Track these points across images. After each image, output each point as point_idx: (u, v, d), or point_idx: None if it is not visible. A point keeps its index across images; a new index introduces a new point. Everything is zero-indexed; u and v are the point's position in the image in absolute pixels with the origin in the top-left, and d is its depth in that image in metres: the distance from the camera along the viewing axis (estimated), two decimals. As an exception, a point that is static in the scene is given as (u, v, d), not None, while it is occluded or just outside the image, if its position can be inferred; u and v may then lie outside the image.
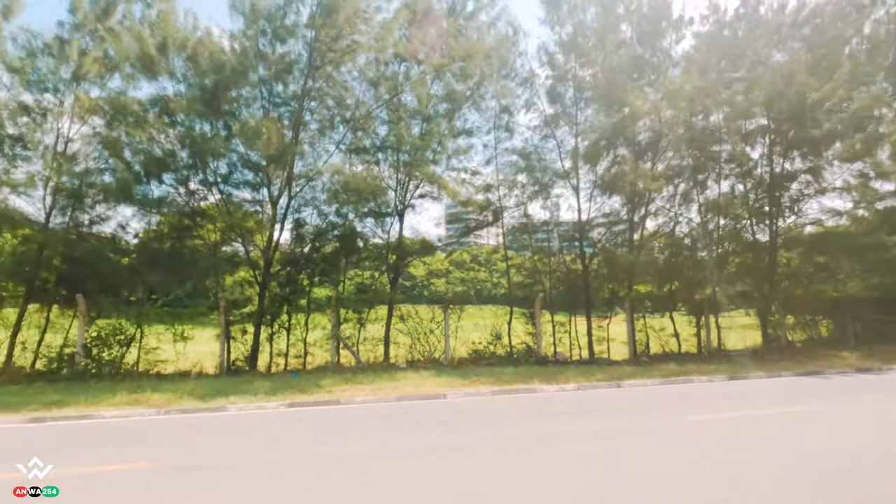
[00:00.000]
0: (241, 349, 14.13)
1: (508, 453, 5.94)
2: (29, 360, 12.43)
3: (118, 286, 13.60)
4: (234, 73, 14.00)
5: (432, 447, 6.23)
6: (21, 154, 13.33)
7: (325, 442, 6.80)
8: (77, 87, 13.86)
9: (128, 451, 6.46)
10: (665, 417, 7.98)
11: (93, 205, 13.53)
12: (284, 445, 6.66)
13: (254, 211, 15.58)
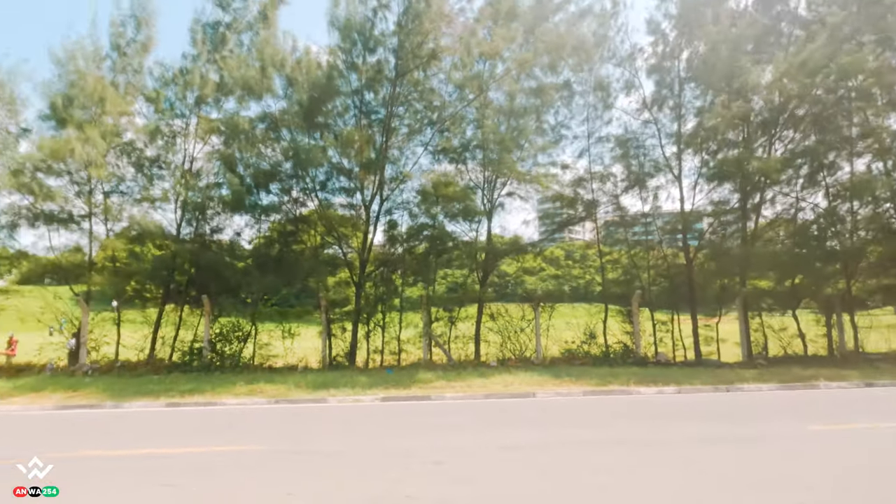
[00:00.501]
0: (342, 346, 15.23)
1: (595, 455, 5.88)
2: (167, 353, 14.50)
3: (236, 288, 15.33)
4: (329, 87, 15.13)
5: (516, 444, 6.35)
6: (157, 173, 15.59)
7: (413, 434, 7.22)
8: (199, 111, 15.82)
9: (244, 434, 7.38)
10: (780, 425, 7.34)
11: (213, 216, 15.35)
12: (376, 436, 7.18)
13: (349, 215, 16.68)
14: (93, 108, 14.33)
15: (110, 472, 5.52)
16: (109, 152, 14.43)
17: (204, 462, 5.84)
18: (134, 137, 15.13)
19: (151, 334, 14.62)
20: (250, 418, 8.59)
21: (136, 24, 15.45)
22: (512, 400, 9.89)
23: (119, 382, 11.73)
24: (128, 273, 14.86)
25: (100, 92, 14.17)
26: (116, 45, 15.10)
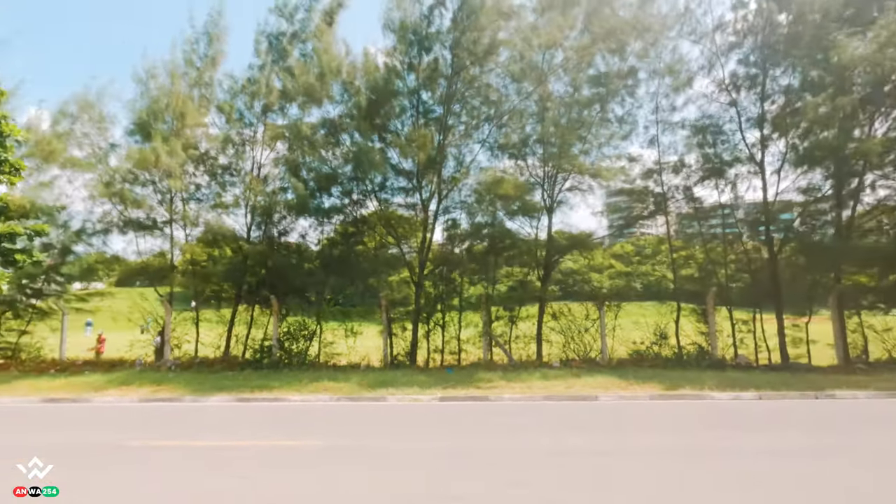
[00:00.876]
0: (402, 345, 15.59)
1: (657, 463, 5.64)
2: (241, 351, 15.53)
3: (302, 288, 16.14)
4: (386, 88, 15.51)
5: (572, 449, 6.23)
6: (229, 180, 16.73)
7: (467, 435, 7.27)
8: (265, 119, 16.78)
9: (305, 430, 7.78)
10: (879, 436, 6.67)
11: (280, 219, 16.22)
12: (430, 435, 7.31)
13: (408, 215, 17.02)
14: (172, 121, 15.60)
15: (184, 461, 6.03)
16: (187, 162, 15.65)
17: (267, 455, 6.22)
18: (208, 147, 16.30)
19: (226, 333, 15.73)
20: (312, 414, 9.03)
21: (208, 40, 16.67)
22: (573, 402, 9.68)
23: (198, 378, 12.72)
24: (204, 275, 16.06)
25: (179, 107, 15.41)
26: (190, 60, 16.33)
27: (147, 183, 15.33)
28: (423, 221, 16.22)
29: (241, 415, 9.15)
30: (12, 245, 14.10)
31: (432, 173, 16.00)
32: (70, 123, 15.64)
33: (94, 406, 10.21)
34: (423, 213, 16.38)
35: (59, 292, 16.41)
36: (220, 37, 16.82)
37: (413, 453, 6.19)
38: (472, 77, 15.96)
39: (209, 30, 16.64)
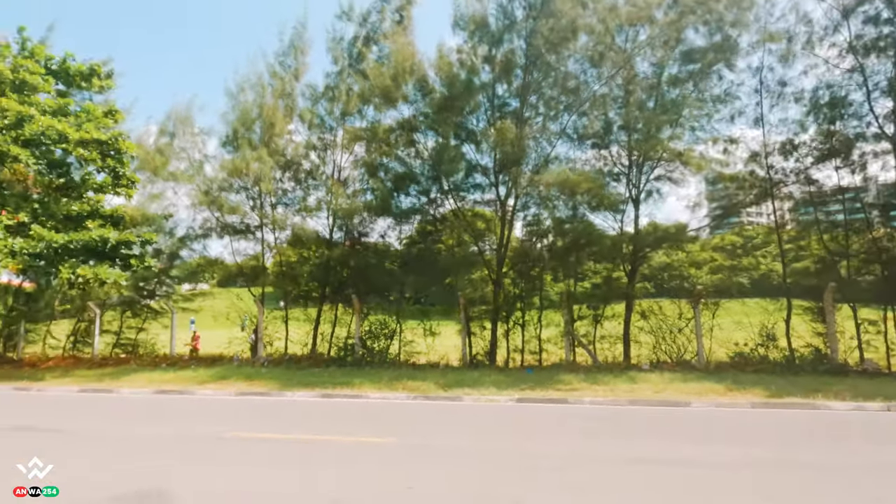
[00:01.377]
0: (481, 344, 15.66)
1: (751, 477, 5.20)
2: (326, 349, 16.46)
3: (382, 288, 16.76)
4: (460, 85, 15.59)
5: (649, 457, 5.91)
6: (312, 184, 17.76)
7: (539, 437, 7.16)
8: (344, 123, 17.60)
9: (381, 426, 8.09)
10: None
11: (360, 221, 16.92)
12: (501, 436, 7.30)
13: (485, 212, 17.05)
14: (260, 131, 16.88)
15: (271, 452, 6.54)
16: (274, 169, 16.85)
17: (342, 449, 6.57)
18: (293, 153, 17.41)
19: (312, 331, 16.74)
20: (390, 412, 9.37)
21: (293, 53, 17.81)
22: (660, 408, 9.17)
23: (287, 373, 13.68)
24: (292, 276, 17.22)
25: (267, 117, 16.63)
26: (276, 73, 17.54)
27: (240, 190, 16.71)
28: (501, 218, 16.16)
29: (323, 409, 9.73)
30: (129, 251, 16.03)
31: (510, 168, 15.86)
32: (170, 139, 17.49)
33: (197, 398, 11.34)
34: (501, 210, 16.32)
35: (168, 293, 18.43)
36: (303, 49, 17.92)
37: (482, 453, 6.22)
38: (548, 66, 15.61)
39: (294, 43, 17.77)
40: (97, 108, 16.88)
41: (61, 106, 16.10)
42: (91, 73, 17.16)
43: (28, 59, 15.93)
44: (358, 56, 17.10)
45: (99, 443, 7.26)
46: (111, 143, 16.03)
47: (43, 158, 15.25)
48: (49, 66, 16.52)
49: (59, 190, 16.45)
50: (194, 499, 4.84)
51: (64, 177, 16.50)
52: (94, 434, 7.82)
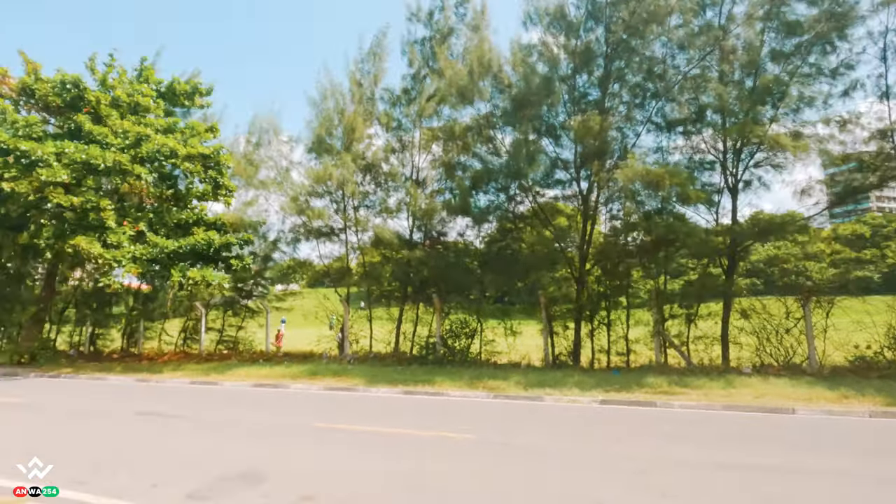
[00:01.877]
0: (564, 344, 15.50)
1: (854, 490, 4.85)
2: (408, 347, 17.09)
3: (462, 287, 17.08)
4: (536, 78, 15.55)
5: (741, 464, 5.66)
6: (392, 185, 18.50)
7: (622, 440, 7.06)
8: (421, 124, 18.17)
9: (459, 423, 8.37)
10: None
11: (438, 221, 17.39)
12: (582, 437, 7.28)
13: (566, 208, 16.84)
14: (343, 137, 17.87)
15: (354, 442, 7.06)
16: (356, 173, 17.78)
17: (421, 442, 6.93)
18: (373, 157, 18.24)
19: (395, 330, 17.46)
20: (469, 410, 9.64)
21: (372, 59, 18.67)
22: (760, 414, 8.65)
23: (371, 371, 14.41)
24: (375, 276, 18.05)
25: (349, 123, 17.59)
26: (356, 80, 18.46)
27: (324, 195, 17.80)
28: (584, 213, 15.88)
29: (405, 405, 10.20)
30: (229, 253, 17.69)
31: (591, 161, 15.56)
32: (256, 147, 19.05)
33: (290, 391, 12.32)
34: (583, 205, 16.04)
35: (263, 294, 20.06)
36: (382, 55, 18.72)
37: (560, 454, 6.29)
38: (632, 51, 15.14)
39: (373, 49, 18.62)
40: (200, 124, 18.80)
41: (170, 124, 18.10)
42: (193, 91, 19.13)
43: (142, 84, 18.07)
44: (432, 56, 17.58)
45: (208, 428, 8.19)
46: (213, 157, 17.77)
47: (155, 172, 17.22)
48: (159, 88, 18.60)
49: (169, 200, 18.50)
50: (287, 479, 5.39)
51: (172, 188, 18.54)
52: (203, 420, 8.82)
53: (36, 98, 16.77)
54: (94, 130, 16.02)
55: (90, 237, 15.15)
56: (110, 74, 18.10)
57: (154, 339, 21.15)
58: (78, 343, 21.82)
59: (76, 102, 16.80)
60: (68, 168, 14.84)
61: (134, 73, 18.66)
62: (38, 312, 18.86)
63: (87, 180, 15.71)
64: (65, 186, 15.25)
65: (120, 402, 10.97)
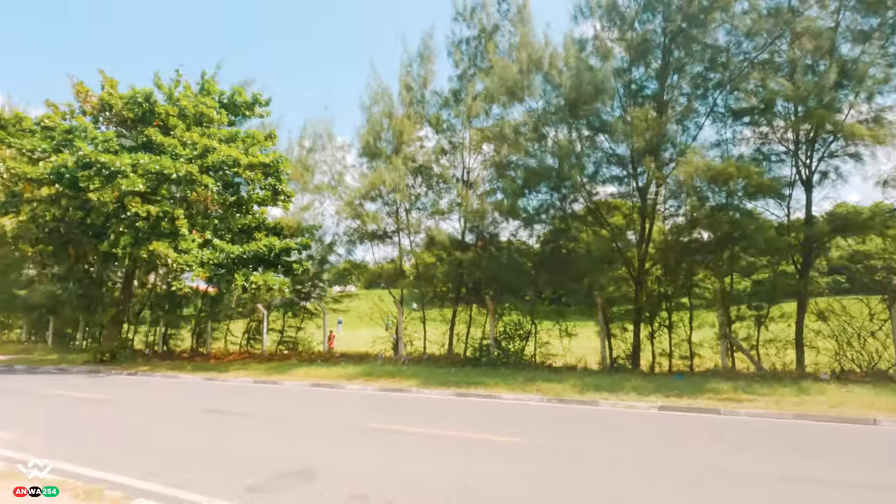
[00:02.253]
0: (622, 347, 15.14)
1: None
2: (462, 349, 17.24)
3: (515, 288, 17.03)
4: (589, 73, 15.27)
5: (808, 477, 5.37)
6: (443, 187, 18.72)
7: (678, 447, 6.86)
8: (470, 124, 18.26)
9: (511, 426, 8.40)
10: None
11: (490, 221, 17.41)
12: (634, 443, 7.12)
13: (623, 205, 16.43)
14: (393, 141, 18.27)
15: (405, 442, 7.27)
16: (407, 176, 18.13)
17: (469, 444, 7.04)
18: (424, 160, 18.53)
19: (448, 331, 17.65)
20: (520, 413, 9.64)
21: (420, 62, 19.00)
22: (836, 424, 8.13)
23: (424, 372, 14.65)
24: (427, 278, 18.32)
25: (398, 127, 17.98)
26: (406, 83, 18.83)
27: (377, 198, 18.25)
28: (642, 211, 15.45)
29: (457, 407, 10.34)
30: (289, 257, 18.50)
31: (649, 156, 15.11)
32: (309, 152, 19.80)
33: (346, 391, 12.75)
34: (641, 202, 15.60)
35: (320, 296, 20.82)
36: (430, 58, 18.99)
37: (610, 458, 6.20)
38: (691, 41, 14.60)
39: (421, 53, 18.95)
40: (259, 133, 19.80)
41: (232, 134, 19.16)
42: (253, 102, 20.17)
43: (206, 97, 19.24)
44: (479, 55, 17.64)
45: (268, 425, 8.66)
46: (272, 165, 18.66)
47: (220, 181, 18.27)
48: (221, 100, 19.73)
49: (233, 207, 19.59)
50: (339, 477, 5.64)
51: (235, 195, 19.60)
52: (264, 418, 9.33)
53: (112, 113, 18.23)
54: (164, 142, 17.22)
55: (165, 243, 16.31)
56: (176, 89, 19.40)
57: (220, 339, 22.42)
58: (153, 342, 23.49)
59: (147, 116, 18.11)
60: (143, 178, 16.03)
61: (196, 86, 19.88)
62: (117, 314, 20.47)
63: (160, 189, 16.93)
64: (141, 196, 16.50)
65: (190, 400, 11.76)
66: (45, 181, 15.90)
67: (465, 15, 18.17)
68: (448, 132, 18.40)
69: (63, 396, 12.12)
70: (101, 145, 16.70)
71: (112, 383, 14.79)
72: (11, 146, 16.67)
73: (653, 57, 15.37)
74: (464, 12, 18.22)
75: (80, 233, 18.30)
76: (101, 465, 6.12)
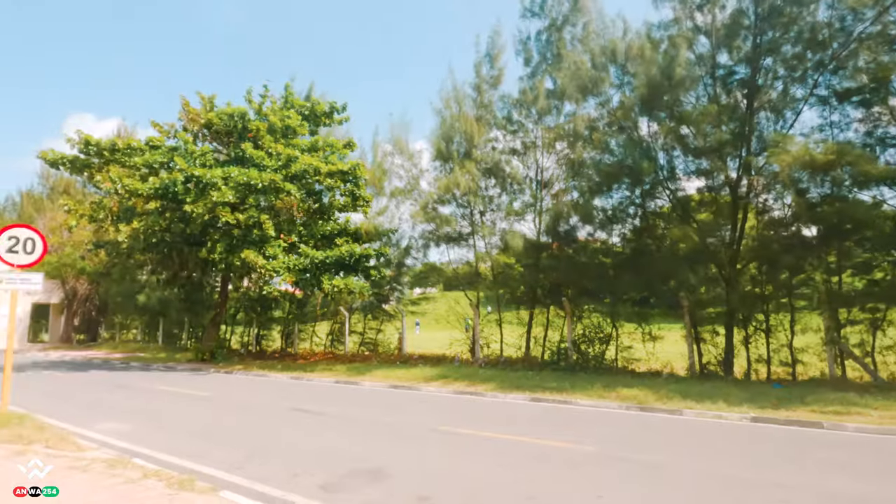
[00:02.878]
0: (713, 352, 14.26)
1: None
2: (539, 352, 17.02)
3: (594, 289, 16.57)
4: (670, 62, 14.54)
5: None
6: (517, 188, 18.60)
7: (769, 465, 6.36)
8: (542, 123, 17.99)
9: (583, 433, 8.20)
10: None
11: (565, 221, 17.04)
12: (718, 458, 6.69)
13: (709, 201, 15.48)
14: (465, 143, 18.40)
15: (474, 447, 7.34)
16: (480, 178, 18.20)
17: (537, 450, 6.98)
18: (496, 161, 18.49)
19: (525, 334, 17.50)
20: (595, 419, 9.39)
21: (490, 62, 19.02)
22: (967, 445, 7.17)
23: (500, 375, 14.62)
24: (503, 280, 18.28)
25: (470, 129, 18.09)
26: (477, 85, 18.92)
27: (450, 201, 18.49)
28: (732, 206, 14.48)
29: (531, 412, 10.26)
30: (368, 263, 19.22)
31: (740, 147, 14.18)
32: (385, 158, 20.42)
33: (421, 394, 13.05)
34: (732, 196, 14.62)
35: (399, 298, 21.43)
36: (499, 56, 18.98)
37: (688, 473, 5.89)
38: (788, 19, 13.49)
39: (490, 52, 18.96)
40: (338, 142, 20.76)
41: (313, 143, 20.24)
42: (331, 111, 21.19)
43: (289, 109, 20.48)
44: (549, 51, 17.33)
45: (345, 425, 9.08)
46: (351, 172, 19.49)
47: (303, 189, 19.36)
48: (302, 111, 20.89)
49: (315, 213, 20.68)
50: (409, 478, 5.81)
51: (318, 202, 20.68)
52: (342, 418, 9.78)
53: (210, 130, 19.91)
54: (253, 155, 18.55)
55: (255, 250, 17.58)
56: (265, 104, 20.83)
57: (307, 340, 23.74)
58: (247, 343, 25.34)
59: (240, 131, 19.60)
60: (233, 189, 17.37)
61: (280, 99, 21.21)
62: (215, 316, 22.29)
63: (248, 199, 18.27)
64: (231, 206, 17.90)
65: (276, 398, 12.58)
66: (152, 196, 17.67)
67: (534, 10, 17.93)
68: (520, 132, 18.25)
69: (168, 392, 13.41)
70: (197, 160, 18.28)
71: (210, 381, 16.14)
72: (125, 165, 18.70)
73: (742, 40, 14.37)
74: (532, 7, 18.00)
75: (182, 242, 20.16)
76: (196, 456, 6.72)
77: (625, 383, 12.49)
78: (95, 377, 16.65)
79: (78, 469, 5.83)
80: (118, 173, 18.00)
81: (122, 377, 16.69)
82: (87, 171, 19.47)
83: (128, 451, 6.93)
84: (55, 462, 6.00)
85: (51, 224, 31.78)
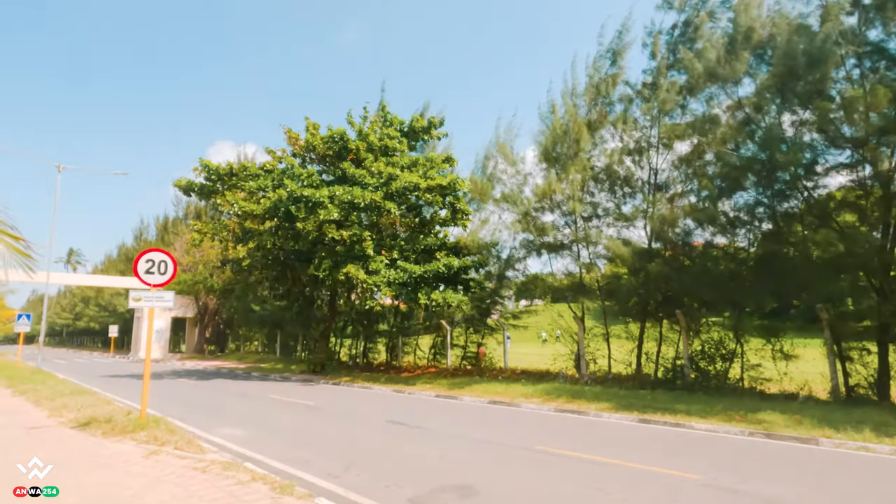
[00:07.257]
0: (863, 372, 12.69)
1: None
2: (651, 369, 16.21)
3: (715, 301, 15.47)
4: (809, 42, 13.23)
5: None
6: (627, 191, 17.94)
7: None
8: (661, 119, 17.09)
9: (693, 460, 7.76)
10: None
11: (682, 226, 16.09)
12: (852, 497, 6.01)
13: (857, 199, 13.86)
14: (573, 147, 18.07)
15: (564, 468, 7.30)
16: (587, 183, 17.81)
17: (634, 476, 6.77)
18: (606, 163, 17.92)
19: (636, 350, 16.77)
20: (709, 445, 8.83)
21: (611, 58, 18.44)
22: None
23: (607, 393, 14.18)
24: (610, 291, 17.71)
25: (579, 132, 17.71)
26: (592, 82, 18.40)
27: (552, 209, 18.30)
28: (882, 205, 12.86)
29: (636, 434, 9.89)
30: (467, 276, 19.64)
31: (893, 136, 12.57)
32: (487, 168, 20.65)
33: (520, 410, 13.07)
34: (883, 192, 13.00)
35: (500, 311, 21.56)
36: (622, 53, 18.34)
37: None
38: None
39: (612, 48, 18.37)
40: (437, 157, 21.54)
41: (413, 160, 21.19)
42: (429, 126, 22.05)
43: (389, 128, 21.66)
44: (679, 43, 16.48)
45: (440, 440, 9.42)
46: (450, 186, 20.09)
47: (403, 205, 20.31)
48: (401, 128, 21.98)
49: (416, 228, 21.57)
50: (496, 498, 5.95)
51: (418, 217, 21.56)
52: (438, 432, 10.15)
53: (315, 153, 21.67)
54: (355, 174, 19.86)
55: (357, 266, 18.76)
56: (364, 124, 22.23)
57: (410, 353, 24.68)
58: (355, 355, 26.90)
59: (342, 152, 21.11)
60: (338, 207, 18.71)
61: (379, 118, 22.50)
62: (324, 329, 24.01)
63: (351, 216, 19.56)
64: (336, 223, 19.28)
65: (378, 410, 13.30)
66: (266, 216, 19.58)
67: (672, 2, 17.09)
68: (635, 131, 17.51)
69: (281, 401, 14.73)
70: (305, 181, 19.95)
71: (319, 391, 17.41)
72: (242, 189, 20.93)
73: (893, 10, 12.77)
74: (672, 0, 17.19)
75: (294, 258, 22.04)
76: (298, 463, 7.40)
77: (751, 406, 11.55)
78: (220, 385, 18.71)
79: (199, 470, 6.67)
80: (235, 196, 20.19)
81: (243, 386, 18.56)
82: (212, 197, 22.07)
83: (241, 455, 7.81)
84: (182, 462, 6.94)
85: (186, 245, 36.27)
